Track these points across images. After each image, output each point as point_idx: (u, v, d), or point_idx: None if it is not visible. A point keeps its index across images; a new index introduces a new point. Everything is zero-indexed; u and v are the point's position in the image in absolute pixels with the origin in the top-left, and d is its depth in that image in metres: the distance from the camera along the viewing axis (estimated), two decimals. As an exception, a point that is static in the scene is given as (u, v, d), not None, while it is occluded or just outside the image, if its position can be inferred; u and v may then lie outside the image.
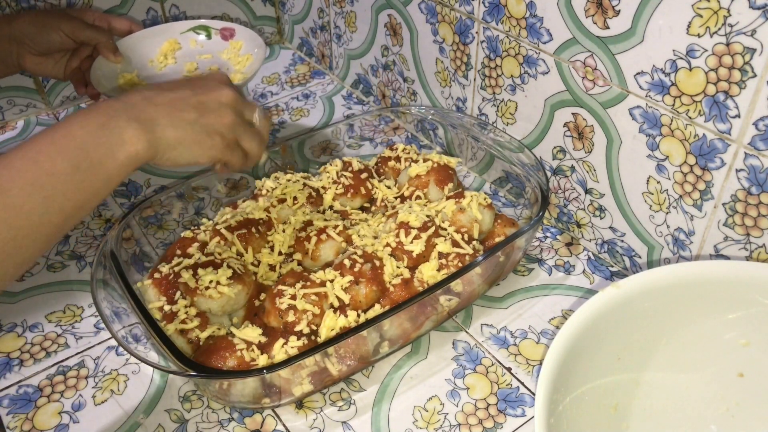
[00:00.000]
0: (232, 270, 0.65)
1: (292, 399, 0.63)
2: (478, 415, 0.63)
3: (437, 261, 0.68)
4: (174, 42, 0.91)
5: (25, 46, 0.77)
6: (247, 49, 0.90)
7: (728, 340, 0.57)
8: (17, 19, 0.77)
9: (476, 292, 0.72)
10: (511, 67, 0.78)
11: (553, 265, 0.79)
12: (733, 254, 0.63)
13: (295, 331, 0.62)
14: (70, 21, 0.78)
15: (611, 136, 0.69)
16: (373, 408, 0.64)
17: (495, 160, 0.83)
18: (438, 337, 0.71)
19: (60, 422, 0.63)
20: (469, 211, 0.73)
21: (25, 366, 0.68)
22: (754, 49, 0.54)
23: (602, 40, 0.65)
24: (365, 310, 0.66)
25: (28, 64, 0.79)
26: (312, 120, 1.04)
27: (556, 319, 0.72)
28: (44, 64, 0.80)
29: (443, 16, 0.84)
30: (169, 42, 0.91)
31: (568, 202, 0.80)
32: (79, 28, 0.79)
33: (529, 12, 0.71)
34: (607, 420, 0.57)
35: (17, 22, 0.76)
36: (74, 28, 0.78)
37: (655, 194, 0.68)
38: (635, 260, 0.75)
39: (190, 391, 0.65)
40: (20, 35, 0.76)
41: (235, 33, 0.92)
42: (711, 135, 0.60)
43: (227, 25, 0.92)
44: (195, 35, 0.93)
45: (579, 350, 0.52)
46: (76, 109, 1.05)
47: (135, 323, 0.61)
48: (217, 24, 0.92)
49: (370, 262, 0.68)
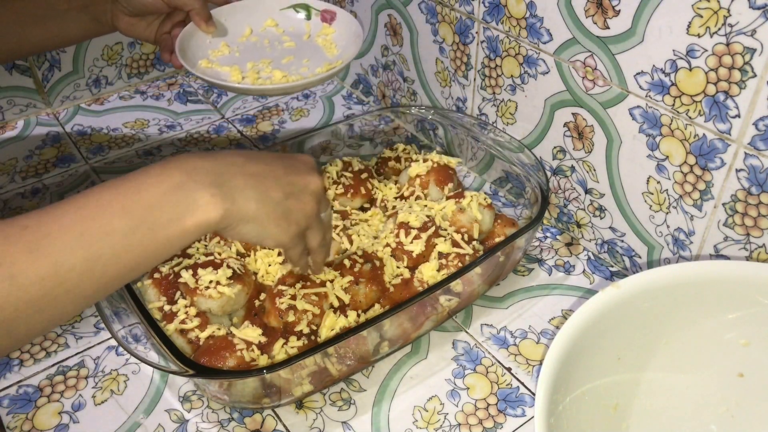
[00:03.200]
0: (232, 270, 0.65)
1: (292, 399, 0.63)
2: (478, 415, 0.63)
3: (437, 261, 0.68)
4: (272, 21, 0.85)
5: (119, 6, 0.75)
6: (343, 36, 0.82)
7: (728, 340, 0.57)
8: None
9: (476, 292, 0.72)
10: (511, 67, 0.78)
11: (553, 265, 0.79)
12: (733, 254, 0.63)
13: (295, 331, 0.62)
14: None
15: (611, 136, 0.70)
16: (373, 408, 0.64)
17: (495, 160, 0.83)
18: (438, 337, 0.71)
19: (60, 422, 0.63)
20: (469, 211, 0.73)
21: (25, 366, 0.68)
22: (754, 49, 0.54)
23: (602, 40, 0.65)
24: (365, 310, 0.66)
25: (121, 24, 0.77)
26: (312, 120, 1.04)
27: (556, 319, 0.72)
28: (137, 26, 0.78)
29: (443, 16, 0.84)
30: (270, 20, 0.84)
31: (568, 202, 0.80)
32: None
33: (529, 12, 0.71)
34: (607, 420, 0.57)
35: None
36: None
37: (655, 194, 0.68)
38: (635, 260, 0.75)
39: (190, 391, 0.65)
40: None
41: (336, 17, 0.84)
42: (711, 135, 0.60)
43: (329, 6, 0.84)
44: (295, 13, 0.85)
45: (579, 350, 0.52)
46: (76, 109, 1.05)
47: (135, 323, 0.61)
48: (318, 4, 0.85)
49: (370, 262, 0.68)
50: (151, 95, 1.09)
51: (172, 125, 1.02)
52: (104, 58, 1.05)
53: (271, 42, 0.83)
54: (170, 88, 1.10)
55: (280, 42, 0.83)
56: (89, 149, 0.97)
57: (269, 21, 0.84)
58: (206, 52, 0.80)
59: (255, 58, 0.80)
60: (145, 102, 1.07)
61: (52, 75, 1.02)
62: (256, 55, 0.81)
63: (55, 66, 1.01)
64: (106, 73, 1.07)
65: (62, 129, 1.01)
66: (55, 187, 0.90)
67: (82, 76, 1.05)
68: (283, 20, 0.85)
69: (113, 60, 1.06)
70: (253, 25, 0.84)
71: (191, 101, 1.07)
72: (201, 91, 1.10)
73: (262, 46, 0.82)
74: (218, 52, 0.80)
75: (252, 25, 0.84)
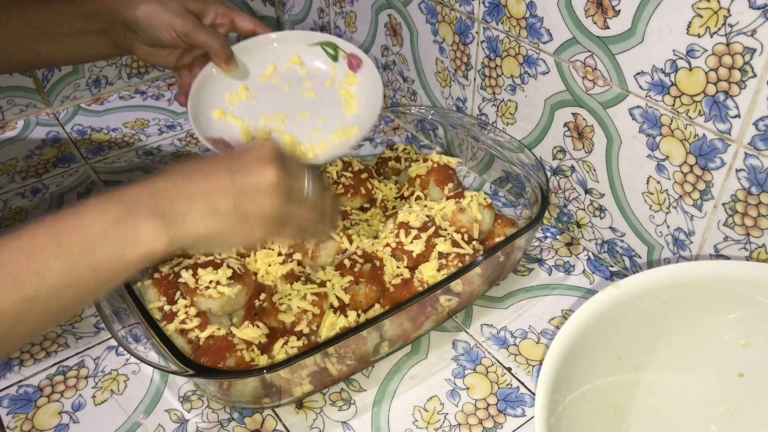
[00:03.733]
0: (232, 270, 0.65)
1: (292, 399, 0.63)
2: (478, 415, 0.63)
3: (437, 261, 0.68)
4: (298, 59, 0.80)
5: (137, 36, 0.73)
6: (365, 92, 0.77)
7: (728, 340, 0.57)
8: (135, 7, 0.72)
9: (476, 292, 0.72)
10: (511, 67, 0.78)
11: (553, 265, 0.79)
12: (733, 254, 0.63)
13: (295, 331, 0.62)
14: (185, 20, 0.71)
15: (611, 136, 0.70)
16: (373, 408, 0.64)
17: (495, 160, 0.83)
18: (438, 337, 0.71)
19: (60, 422, 0.63)
20: (469, 211, 0.73)
21: (25, 366, 0.68)
22: (754, 49, 0.54)
23: (602, 40, 0.65)
24: (365, 310, 0.66)
25: (139, 52, 0.75)
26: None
27: (556, 319, 0.72)
28: (156, 54, 0.76)
29: (443, 16, 0.84)
30: (296, 57, 0.79)
31: (568, 202, 0.80)
32: (193, 31, 0.71)
33: (529, 12, 0.71)
34: (607, 420, 0.57)
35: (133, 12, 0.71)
36: (188, 30, 0.71)
37: (655, 194, 0.68)
38: (635, 260, 0.75)
39: (190, 391, 0.65)
40: (134, 26, 0.71)
41: (362, 65, 0.78)
42: (711, 135, 0.60)
43: (357, 52, 0.78)
44: (322, 52, 0.80)
45: (579, 350, 0.52)
46: (76, 109, 1.05)
47: (135, 323, 0.61)
48: (347, 47, 0.79)
49: (370, 262, 0.68)
50: (151, 95, 1.09)
51: (172, 125, 1.02)
52: (104, 58, 1.05)
53: (292, 87, 0.78)
54: (170, 88, 1.10)
55: (301, 89, 0.78)
56: (89, 149, 0.97)
57: (295, 58, 0.80)
58: (223, 95, 0.76)
59: (271, 110, 0.76)
60: (145, 102, 1.07)
61: (52, 75, 1.02)
62: (273, 105, 0.77)
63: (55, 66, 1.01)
64: (106, 73, 1.07)
65: (62, 129, 1.01)
66: (55, 187, 0.90)
67: (82, 76, 1.05)
68: (309, 59, 0.80)
69: (113, 60, 1.06)
70: (278, 61, 0.79)
71: (191, 101, 1.07)
72: (201, 91, 1.10)
73: (282, 91, 0.78)
74: (235, 96, 0.77)
75: (276, 62, 0.79)
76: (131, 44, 0.74)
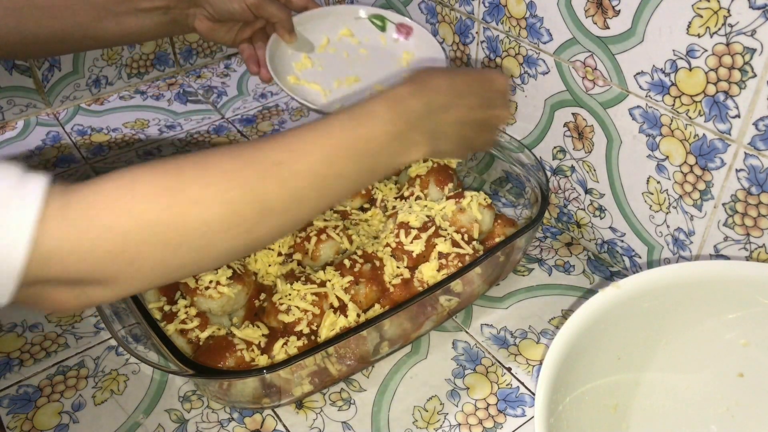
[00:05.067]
0: (232, 270, 0.65)
1: (292, 399, 0.63)
2: (478, 415, 0.63)
3: (437, 261, 0.68)
4: (348, 31, 0.84)
5: (202, 10, 0.75)
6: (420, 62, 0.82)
7: (728, 340, 0.57)
8: None
9: (476, 292, 0.72)
10: (511, 67, 0.78)
11: (553, 265, 0.79)
12: (733, 254, 0.63)
13: (295, 331, 0.62)
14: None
15: (611, 136, 0.70)
16: (373, 408, 0.64)
17: (495, 160, 0.83)
18: (438, 337, 0.71)
19: (60, 422, 0.63)
20: (469, 211, 0.73)
21: (25, 366, 0.68)
22: (754, 49, 0.54)
23: (602, 40, 0.65)
24: (365, 310, 0.66)
25: (201, 27, 0.77)
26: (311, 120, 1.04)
27: (556, 319, 0.72)
28: (217, 30, 0.78)
29: (443, 16, 0.84)
30: (346, 29, 0.84)
31: (568, 202, 0.80)
32: (264, 2, 0.75)
33: (529, 12, 0.71)
34: (607, 420, 0.57)
35: None
36: (259, 1, 0.75)
37: (655, 194, 0.68)
38: (635, 260, 0.75)
39: (190, 391, 0.65)
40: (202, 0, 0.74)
41: (412, 32, 0.84)
42: (711, 135, 0.60)
43: (405, 21, 0.84)
44: (370, 24, 0.85)
45: (579, 350, 0.52)
46: (76, 109, 1.05)
47: (135, 323, 0.61)
48: (394, 17, 0.84)
49: (370, 262, 0.68)
50: (151, 95, 1.09)
51: (172, 125, 1.02)
52: (104, 58, 1.05)
53: (350, 55, 0.83)
54: (170, 88, 1.10)
55: (359, 56, 0.83)
56: (89, 149, 0.97)
57: (345, 30, 0.84)
58: (290, 64, 0.80)
59: (339, 74, 0.80)
60: (145, 102, 1.07)
61: (52, 75, 1.02)
62: (340, 70, 0.81)
63: (55, 66, 1.01)
64: (106, 73, 1.07)
65: (62, 129, 1.01)
66: (55, 187, 0.90)
67: (82, 76, 1.05)
68: (359, 30, 0.85)
69: (113, 60, 1.06)
70: (330, 34, 0.84)
71: (191, 101, 1.07)
72: (201, 91, 1.10)
73: (342, 59, 0.83)
74: (301, 65, 0.80)
75: (329, 35, 0.84)
76: (194, 20, 0.76)
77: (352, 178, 0.51)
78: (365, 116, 0.52)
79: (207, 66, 1.15)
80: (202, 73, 1.14)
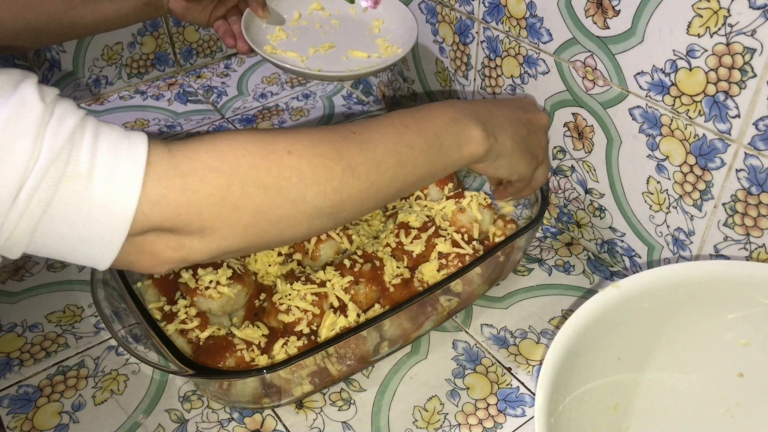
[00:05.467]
0: (232, 270, 0.65)
1: (292, 399, 0.63)
2: (478, 415, 0.63)
3: (437, 261, 0.68)
4: (318, 5, 0.87)
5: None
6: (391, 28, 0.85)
7: (728, 340, 0.57)
8: None
9: (476, 292, 0.72)
10: (511, 67, 0.78)
11: (553, 265, 0.79)
12: (733, 254, 0.63)
13: (295, 331, 0.62)
14: None
15: (611, 136, 0.70)
16: (373, 408, 0.64)
17: (495, 160, 0.83)
18: (438, 337, 0.71)
19: (60, 422, 0.63)
20: (469, 211, 0.73)
21: (25, 366, 0.68)
22: (754, 49, 0.54)
23: (602, 40, 0.65)
24: (365, 310, 0.66)
25: (176, 8, 0.78)
26: (312, 120, 1.04)
27: (556, 319, 0.72)
28: (192, 10, 0.79)
29: (443, 16, 0.84)
30: (316, 3, 0.87)
31: (568, 202, 0.80)
32: None
33: (529, 12, 0.71)
34: (607, 420, 0.57)
35: None
36: None
37: (655, 194, 0.68)
38: (635, 260, 0.75)
39: (190, 391, 0.65)
40: None
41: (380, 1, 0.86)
42: (711, 135, 0.60)
43: None
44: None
45: (579, 350, 0.52)
46: (76, 109, 1.05)
47: (135, 323, 0.61)
48: None
49: (370, 262, 0.68)
50: (151, 95, 1.09)
51: (172, 125, 1.02)
52: (104, 58, 1.05)
53: (323, 26, 0.86)
54: (170, 88, 1.10)
55: (331, 26, 0.86)
56: (89, 149, 0.97)
57: (315, 4, 0.87)
58: (265, 37, 0.82)
59: (314, 43, 0.82)
60: (145, 102, 1.07)
61: (52, 75, 1.02)
62: (314, 39, 0.83)
63: (55, 66, 1.01)
64: (106, 73, 1.07)
65: (62, 129, 1.01)
66: (55, 187, 0.90)
67: (82, 76, 1.05)
68: (329, 4, 0.88)
69: (113, 60, 1.06)
70: (301, 8, 0.87)
71: (191, 101, 1.07)
72: (201, 91, 1.10)
73: (315, 30, 0.85)
74: (276, 37, 0.83)
75: (300, 9, 0.86)
76: (168, 1, 0.77)
77: (423, 150, 0.53)
78: (419, 108, 0.56)
79: (207, 66, 1.15)
80: (202, 73, 1.14)
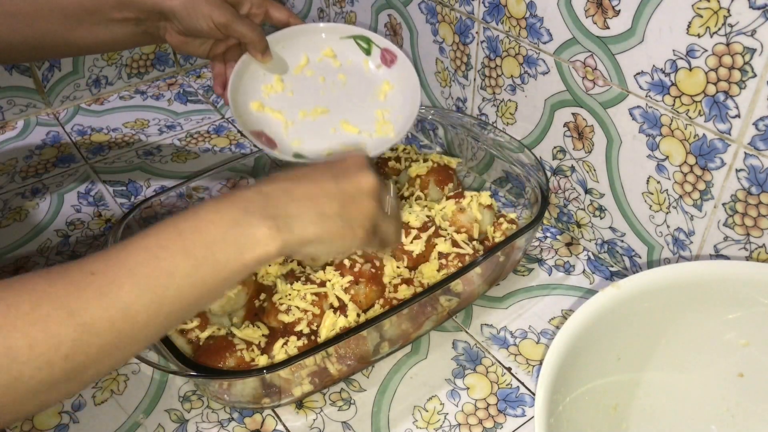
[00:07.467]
0: (232, 270, 0.65)
1: (292, 399, 0.63)
2: (478, 415, 0.63)
3: (437, 261, 0.68)
4: (331, 51, 0.80)
5: (172, 24, 0.73)
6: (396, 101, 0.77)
7: (728, 340, 0.57)
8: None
9: (476, 292, 0.72)
10: (511, 67, 0.78)
11: (553, 265, 0.79)
12: (733, 254, 0.63)
13: (295, 331, 0.62)
14: (223, 11, 0.71)
15: (611, 136, 0.70)
16: (373, 408, 0.64)
17: (495, 160, 0.83)
18: (438, 337, 0.71)
19: (60, 422, 0.63)
20: (469, 211, 0.73)
21: (25, 366, 0.68)
22: (754, 49, 0.54)
23: (602, 40, 0.65)
24: (365, 310, 0.66)
25: (172, 41, 0.75)
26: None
27: (556, 319, 0.72)
28: (189, 44, 0.76)
29: (443, 16, 0.84)
30: (329, 49, 0.80)
31: (568, 202, 0.80)
32: (232, 21, 0.71)
33: (529, 12, 0.71)
34: (607, 420, 0.57)
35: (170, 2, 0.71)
36: (226, 21, 0.71)
37: (655, 194, 0.68)
38: (635, 260, 0.75)
39: (190, 391, 0.65)
40: (170, 14, 0.71)
41: (396, 60, 0.78)
42: (711, 135, 0.60)
43: (391, 47, 0.78)
44: (355, 46, 0.80)
45: (579, 350, 0.52)
46: (76, 109, 1.05)
47: (135, 323, 0.61)
48: (381, 41, 0.79)
49: (370, 262, 0.68)
50: (151, 95, 1.09)
51: (172, 125, 1.02)
52: (104, 58, 1.05)
53: (326, 81, 0.79)
54: (170, 88, 1.10)
55: (336, 82, 0.79)
56: (89, 149, 0.97)
57: (328, 50, 0.80)
58: (259, 87, 0.76)
59: (308, 103, 0.76)
60: (145, 102, 1.07)
61: (52, 75, 1.02)
62: (310, 98, 0.77)
63: (55, 66, 1.01)
64: (106, 73, 1.07)
65: (62, 129, 1.01)
66: (55, 187, 0.90)
67: (82, 76, 1.05)
68: (342, 51, 0.80)
69: (113, 60, 1.06)
70: (311, 53, 0.79)
71: (191, 101, 1.07)
72: (201, 91, 1.10)
73: (317, 84, 0.78)
74: (271, 88, 0.77)
75: (309, 54, 0.79)
76: (165, 33, 0.74)
77: (188, 274, 0.44)
78: (191, 211, 0.47)
79: (207, 66, 1.15)
80: (202, 73, 1.14)
